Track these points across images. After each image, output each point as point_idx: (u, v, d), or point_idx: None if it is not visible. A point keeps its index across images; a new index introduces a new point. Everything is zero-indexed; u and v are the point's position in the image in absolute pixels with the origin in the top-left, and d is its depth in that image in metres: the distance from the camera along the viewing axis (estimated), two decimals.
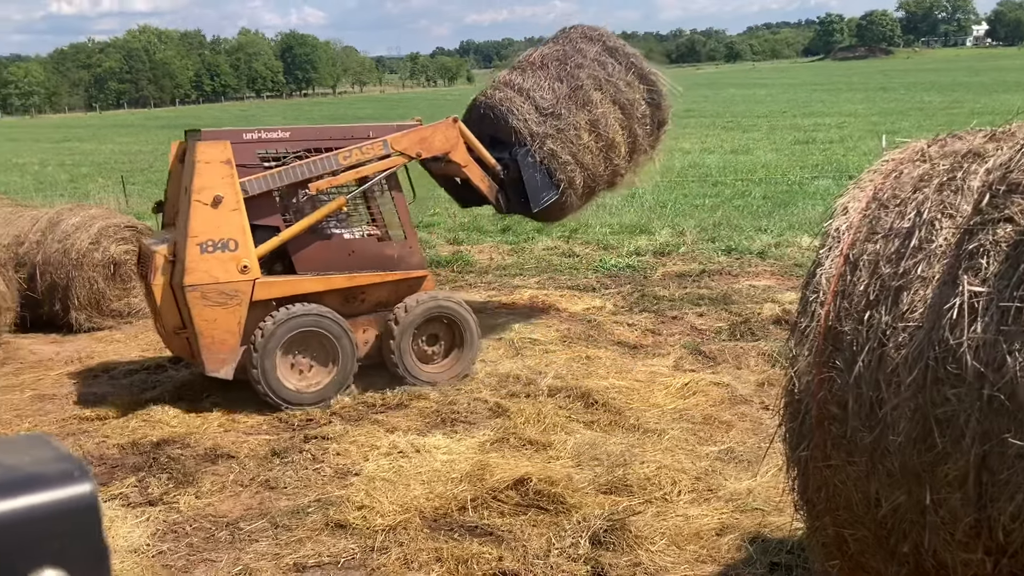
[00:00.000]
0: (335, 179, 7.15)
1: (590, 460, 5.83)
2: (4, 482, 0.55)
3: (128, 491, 5.82)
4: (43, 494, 0.55)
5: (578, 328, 8.91)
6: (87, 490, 0.57)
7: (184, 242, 6.66)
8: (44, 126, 73.91)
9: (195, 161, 6.67)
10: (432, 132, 7.56)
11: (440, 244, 13.78)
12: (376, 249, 7.40)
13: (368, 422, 6.76)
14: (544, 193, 7.92)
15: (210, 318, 6.75)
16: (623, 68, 8.21)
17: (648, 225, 14.05)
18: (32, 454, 0.59)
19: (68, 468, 0.57)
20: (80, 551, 0.56)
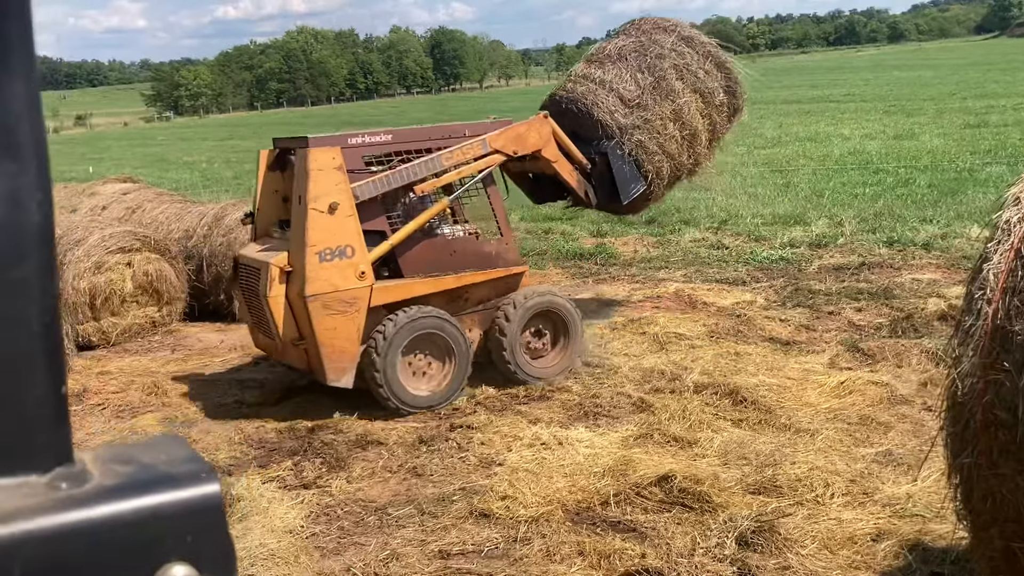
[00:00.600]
0: (439, 180, 7.11)
1: (737, 459, 5.66)
2: (139, 481, 0.59)
3: (284, 474, 6.09)
4: (173, 493, 0.59)
5: (727, 323, 8.67)
6: (214, 490, 0.61)
7: (302, 252, 6.57)
8: (211, 125, 78.49)
9: (308, 169, 6.59)
10: (527, 129, 7.53)
11: (583, 236, 13.72)
12: (475, 247, 7.39)
13: (511, 412, 6.80)
14: (633, 185, 7.93)
15: (331, 327, 6.68)
16: (701, 57, 8.22)
17: (803, 215, 13.51)
18: (167, 454, 0.62)
19: (197, 469, 0.61)
20: (207, 548, 0.59)
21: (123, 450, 0.63)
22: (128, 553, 0.56)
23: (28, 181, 0.57)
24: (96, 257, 9.63)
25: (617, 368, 7.57)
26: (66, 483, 0.57)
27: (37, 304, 0.58)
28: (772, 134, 26.46)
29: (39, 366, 0.58)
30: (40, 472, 0.58)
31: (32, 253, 0.58)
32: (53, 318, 0.59)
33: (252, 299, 7.10)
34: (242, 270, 7.24)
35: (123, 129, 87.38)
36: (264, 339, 7.33)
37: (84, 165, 36.33)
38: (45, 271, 0.59)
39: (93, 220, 10.78)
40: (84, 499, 0.56)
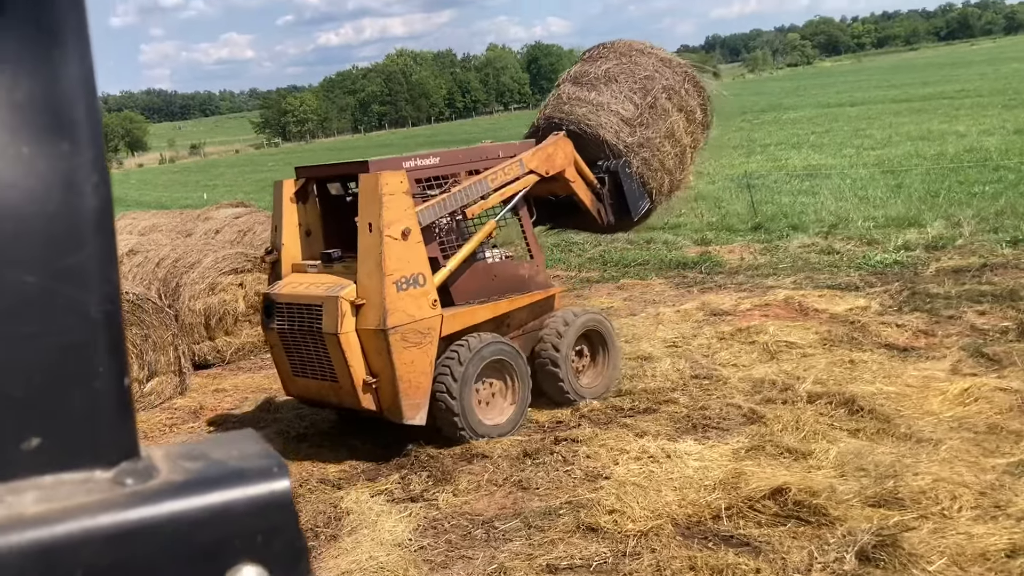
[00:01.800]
0: (486, 202, 6.94)
1: (855, 470, 5.42)
2: (207, 476, 0.56)
3: (392, 487, 6.15)
4: (242, 489, 0.56)
5: (840, 330, 8.36)
6: (284, 487, 0.57)
7: (379, 281, 6.22)
8: (317, 150, 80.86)
9: (381, 193, 6.25)
10: (555, 149, 7.46)
11: (687, 245, 13.48)
12: (512, 271, 7.25)
13: (617, 425, 6.71)
14: (640, 202, 8.03)
15: (408, 360, 6.34)
16: (680, 78, 8.43)
17: (918, 217, 12.94)
18: (239, 450, 0.60)
19: (268, 464, 0.57)
20: (278, 548, 0.56)
21: (194, 446, 0.61)
22: (196, 553, 0.54)
23: (83, 163, 0.55)
24: (210, 279, 10.00)
25: (726, 379, 7.39)
26: (131, 478, 0.55)
27: (96, 292, 0.56)
28: (882, 134, 25.55)
29: (100, 356, 0.56)
30: (104, 467, 0.56)
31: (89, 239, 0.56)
32: (113, 306, 0.57)
33: (302, 339, 6.61)
34: (282, 309, 6.73)
35: (235, 156, 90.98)
36: (312, 383, 6.79)
37: (199, 192, 37.95)
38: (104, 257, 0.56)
39: (207, 243, 11.21)
40: (150, 495, 0.54)
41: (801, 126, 32.79)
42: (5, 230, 0.53)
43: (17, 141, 0.53)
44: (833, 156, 22.36)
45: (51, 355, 0.55)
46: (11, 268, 0.53)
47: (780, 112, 42.01)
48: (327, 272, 6.72)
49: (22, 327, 0.54)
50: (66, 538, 0.50)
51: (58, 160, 0.54)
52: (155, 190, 47.50)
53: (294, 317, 6.63)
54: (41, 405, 0.54)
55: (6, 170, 0.53)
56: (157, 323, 8.80)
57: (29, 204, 0.54)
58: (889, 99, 40.91)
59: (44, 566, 0.49)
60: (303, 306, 6.56)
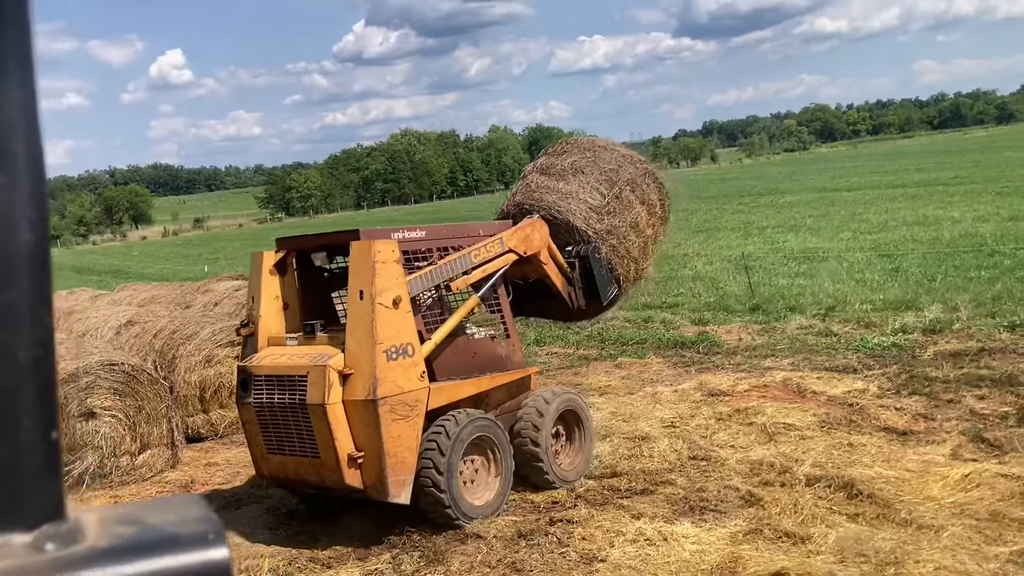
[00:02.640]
0: (469, 277, 6.89)
1: (855, 556, 5.32)
2: (136, 542, 0.51)
3: (384, 567, 6.02)
4: (173, 557, 0.51)
5: (838, 412, 8.30)
6: (221, 556, 0.52)
7: (369, 350, 6.04)
8: (320, 224, 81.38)
9: (374, 261, 6.16)
10: (532, 230, 7.53)
11: (684, 324, 13.48)
12: (490, 349, 7.15)
13: (613, 507, 6.60)
14: (609, 287, 8.14)
15: (396, 434, 6.11)
16: (641, 173, 8.66)
17: (915, 300, 12.99)
18: (177, 514, 0.55)
19: (203, 530, 0.53)
20: None
21: (131, 509, 0.56)
22: None
23: (19, 196, 0.51)
24: (207, 351, 9.97)
25: (724, 460, 7.30)
26: (53, 543, 0.50)
27: (26, 335, 0.51)
28: (878, 219, 25.82)
29: (26, 406, 0.51)
30: (23, 529, 0.50)
31: (22, 276, 0.51)
32: (45, 351, 0.52)
33: (281, 413, 6.33)
34: (260, 382, 6.45)
35: (238, 230, 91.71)
36: (290, 461, 6.45)
37: (200, 265, 38.12)
38: (37, 297, 0.52)
39: (205, 316, 11.21)
40: (71, 562, 0.48)
41: (798, 209, 33.16)
42: None
43: None
44: (830, 239, 22.56)
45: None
46: None
47: (777, 196, 42.54)
48: (308, 343, 6.52)
49: None
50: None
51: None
52: (157, 262, 47.74)
53: (273, 389, 6.36)
54: None
55: None
56: (152, 395, 8.73)
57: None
58: (885, 184, 41.48)
59: None
60: (284, 377, 6.31)
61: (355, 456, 6.11)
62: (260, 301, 6.79)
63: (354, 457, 6.11)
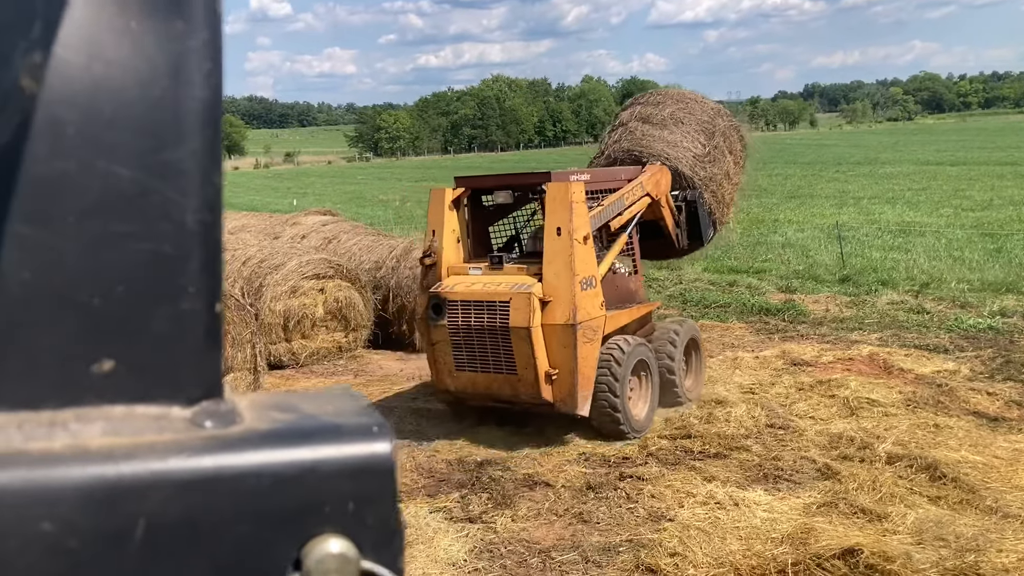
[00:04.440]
0: (621, 217, 7.62)
1: (934, 539, 5.15)
2: (296, 429, 0.48)
3: (452, 505, 6.10)
4: (336, 447, 0.47)
5: (925, 392, 8.02)
6: (385, 450, 0.48)
7: (568, 281, 6.77)
8: (406, 167, 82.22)
9: (572, 201, 6.87)
10: (660, 176, 8.24)
11: (770, 291, 13.18)
12: (628, 284, 7.91)
13: (685, 467, 6.54)
14: (709, 229, 8.88)
15: (584, 355, 6.85)
16: (729, 125, 9.32)
17: (1017, 283, 12.42)
18: (335, 405, 0.51)
19: (367, 423, 0.49)
20: (371, 522, 0.47)
21: (285, 396, 0.52)
22: (277, 515, 0.45)
23: (196, 46, 0.47)
24: (292, 282, 10.17)
25: (802, 431, 7.15)
26: (211, 421, 0.47)
27: (195, 196, 0.48)
28: (982, 196, 24.72)
29: (192, 273, 0.47)
30: (183, 404, 0.48)
31: (194, 134, 0.47)
32: (213, 216, 0.48)
33: (478, 335, 6.93)
34: (456, 307, 7.03)
35: (327, 167, 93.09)
36: (481, 377, 7.06)
37: (289, 198, 38.87)
38: (208, 157, 0.48)
39: (293, 247, 11.42)
40: (231, 442, 0.46)
41: (897, 181, 31.97)
42: (100, 112, 0.45)
43: (125, 14, 0.46)
44: (929, 214, 21.72)
45: (136, 263, 0.46)
46: (102, 156, 0.45)
47: (876, 166, 41.07)
48: (495, 273, 7.19)
49: (107, 225, 0.45)
50: (131, 480, 0.43)
51: (168, 40, 0.47)
52: (248, 193, 48.87)
53: (470, 314, 6.98)
54: (119, 321, 0.46)
55: (109, 45, 0.45)
56: (237, 320, 8.96)
57: (130, 86, 0.46)
58: (993, 161, 39.63)
59: (103, 509, 0.42)
60: (484, 303, 6.94)
61: (551, 374, 6.84)
62: (442, 234, 7.39)
63: (550, 374, 6.85)
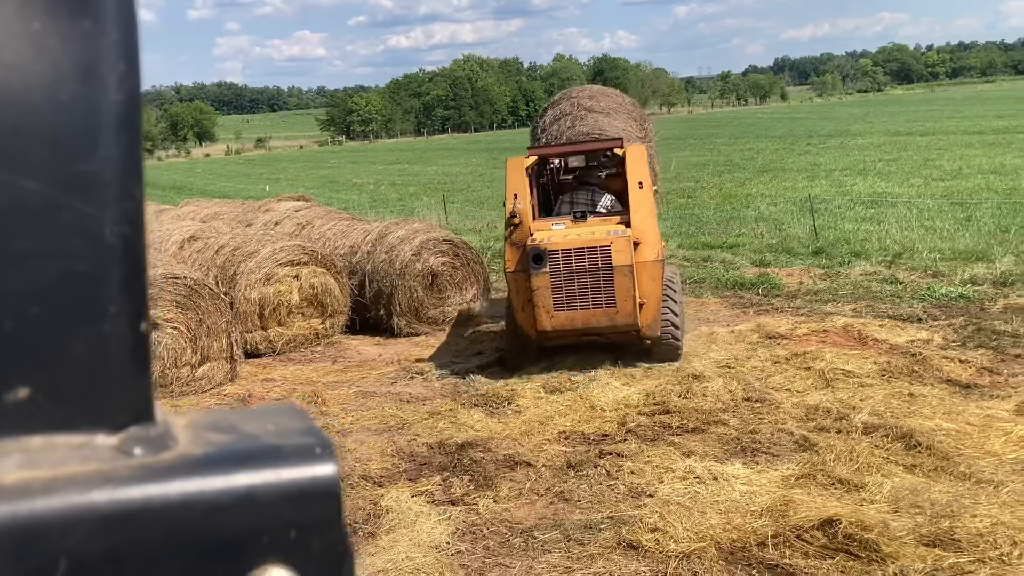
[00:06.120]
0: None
1: (910, 507, 5.23)
2: (233, 452, 0.45)
3: (433, 489, 6.11)
4: (275, 471, 0.45)
5: (900, 362, 8.12)
6: (328, 473, 0.46)
7: (652, 226, 8.17)
8: (379, 150, 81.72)
9: (646, 161, 8.48)
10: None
11: (745, 266, 13.24)
12: None
13: (664, 443, 6.58)
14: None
15: (660, 286, 8.22)
16: (641, 114, 11.36)
17: (987, 251, 12.56)
18: (276, 424, 0.49)
19: (310, 443, 0.46)
20: (316, 549, 0.45)
21: (224, 415, 0.50)
22: (213, 546, 0.43)
23: (107, 46, 0.44)
24: (267, 269, 10.10)
25: (779, 403, 7.21)
26: (141, 447, 0.44)
27: (113, 209, 0.44)
28: (952, 166, 24.95)
29: (113, 291, 0.45)
30: (108, 431, 0.45)
31: (108, 141, 0.44)
32: (134, 230, 0.45)
33: (579, 277, 7.98)
34: (557, 255, 8.04)
35: (298, 152, 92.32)
36: (579, 314, 8.05)
37: (262, 184, 38.55)
38: (126, 167, 0.45)
39: (266, 234, 11.33)
40: (161, 470, 0.43)
41: (868, 153, 32.19)
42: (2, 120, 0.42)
43: (26, 14, 0.43)
44: (900, 185, 21.89)
45: (50, 284, 0.43)
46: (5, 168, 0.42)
47: (847, 138, 41.32)
48: (580, 226, 8.32)
49: (15, 243, 0.43)
50: (50, 516, 0.40)
51: (76, 41, 0.44)
52: (220, 180, 48.42)
53: (571, 259, 8.01)
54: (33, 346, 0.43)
55: (9, 48, 0.42)
56: (212, 309, 8.90)
57: (35, 92, 0.43)
58: (961, 130, 39.99)
59: (18, 549, 0.39)
60: (586, 249, 8.00)
61: (642, 303, 8.07)
62: (524, 197, 8.47)
63: (642, 304, 8.07)
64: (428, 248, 10.89)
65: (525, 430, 7.03)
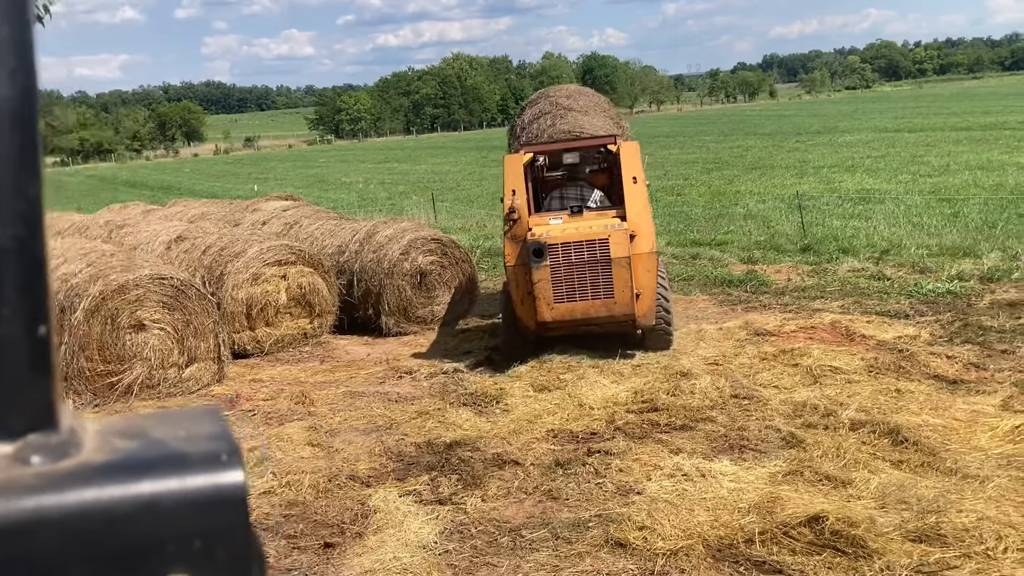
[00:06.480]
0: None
1: (896, 503, 5.25)
2: (136, 459, 0.44)
3: (421, 488, 6.10)
4: (178, 479, 0.43)
5: (887, 358, 8.14)
6: (234, 480, 0.44)
7: (647, 219, 8.41)
8: (368, 148, 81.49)
9: (639, 157, 8.72)
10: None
11: (733, 263, 13.28)
12: None
13: (652, 441, 6.59)
14: None
15: (655, 277, 8.42)
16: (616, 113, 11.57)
17: (974, 247, 12.61)
18: (187, 429, 0.47)
19: (216, 449, 0.45)
20: (221, 558, 0.44)
21: (136, 421, 0.48)
22: (111, 559, 0.41)
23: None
24: (254, 269, 10.06)
25: (766, 400, 7.22)
26: (38, 456, 0.43)
27: (5, 209, 0.43)
28: (939, 162, 25.04)
29: (5, 295, 0.43)
30: (4, 439, 0.43)
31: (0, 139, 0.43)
32: (29, 231, 0.44)
33: (578, 269, 8.20)
34: (557, 248, 8.26)
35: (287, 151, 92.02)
36: (579, 304, 8.28)
37: (250, 184, 38.42)
38: (19, 166, 0.43)
39: (253, 234, 11.29)
40: (59, 479, 0.42)
41: (856, 149, 32.27)
42: None
43: None
44: (888, 181, 21.96)
45: None
46: None
47: (835, 135, 41.42)
48: (577, 220, 8.51)
49: None
50: None
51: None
52: (208, 180, 48.23)
53: (571, 253, 8.23)
54: None
55: None
56: (199, 309, 8.86)
57: None
58: (949, 127, 40.13)
59: None
60: (585, 242, 8.23)
61: (638, 294, 8.30)
62: (522, 193, 8.67)
63: (638, 295, 8.30)
64: (416, 247, 10.87)
65: (513, 429, 7.02)
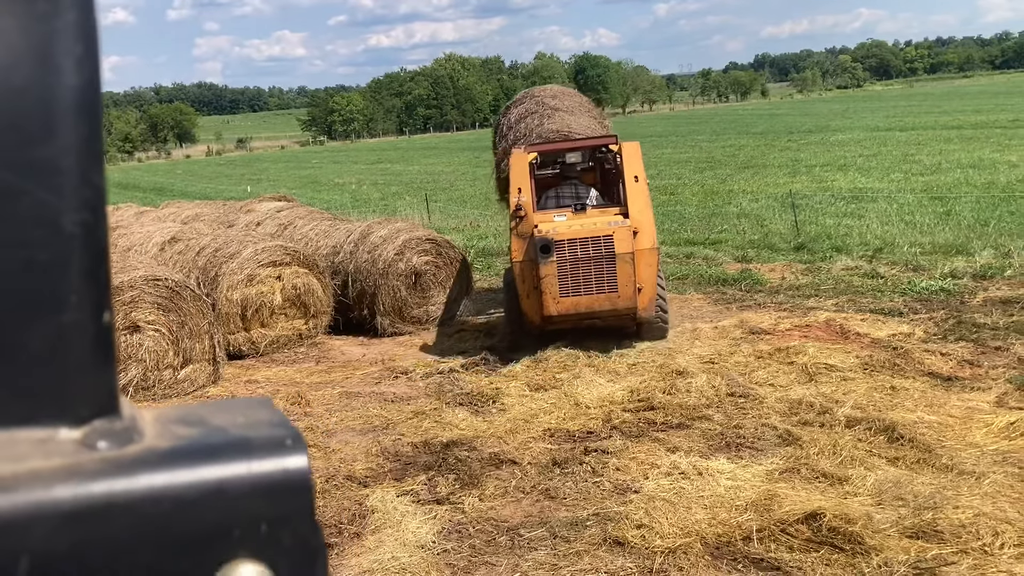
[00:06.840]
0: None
1: (893, 499, 5.27)
2: (201, 445, 0.44)
3: (419, 488, 6.10)
4: (245, 464, 0.43)
5: (881, 355, 8.17)
6: (299, 465, 0.44)
7: (649, 216, 8.65)
8: (361, 149, 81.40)
9: (640, 156, 8.97)
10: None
11: (727, 262, 13.30)
12: None
13: (649, 439, 6.60)
14: None
15: (656, 272, 8.66)
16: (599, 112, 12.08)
17: (966, 245, 12.66)
18: (246, 416, 0.47)
19: (279, 435, 0.45)
20: (287, 543, 0.44)
21: (193, 409, 0.48)
22: (181, 542, 0.41)
23: (63, 27, 0.42)
24: (249, 270, 10.04)
25: (762, 398, 7.24)
26: (105, 441, 0.43)
27: (72, 197, 0.43)
28: (931, 160, 25.13)
29: (73, 281, 0.43)
30: (71, 424, 0.43)
31: (66, 127, 0.42)
32: (95, 218, 0.43)
33: (584, 264, 8.40)
34: (563, 244, 8.44)
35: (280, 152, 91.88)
36: (583, 299, 8.47)
37: (243, 185, 38.36)
38: (85, 153, 0.43)
39: (248, 235, 11.27)
40: (126, 464, 0.42)
41: (848, 148, 32.36)
42: None
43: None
44: (880, 180, 22.03)
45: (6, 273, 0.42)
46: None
47: (828, 134, 41.53)
48: (581, 216, 8.74)
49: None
50: (11, 513, 0.38)
51: (30, 22, 0.42)
52: (200, 181, 48.12)
53: (576, 248, 8.42)
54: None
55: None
56: (194, 311, 8.84)
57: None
58: (940, 125, 40.27)
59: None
60: (590, 238, 8.43)
61: (640, 288, 8.50)
62: (528, 191, 8.84)
63: (640, 288, 8.50)
64: (411, 247, 10.86)
65: (510, 428, 7.03)
